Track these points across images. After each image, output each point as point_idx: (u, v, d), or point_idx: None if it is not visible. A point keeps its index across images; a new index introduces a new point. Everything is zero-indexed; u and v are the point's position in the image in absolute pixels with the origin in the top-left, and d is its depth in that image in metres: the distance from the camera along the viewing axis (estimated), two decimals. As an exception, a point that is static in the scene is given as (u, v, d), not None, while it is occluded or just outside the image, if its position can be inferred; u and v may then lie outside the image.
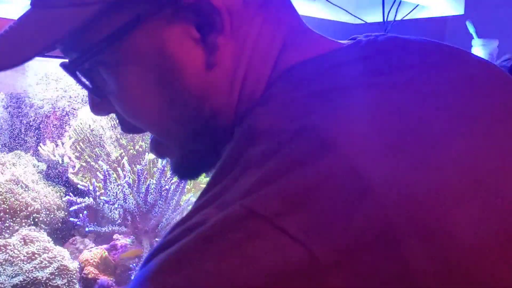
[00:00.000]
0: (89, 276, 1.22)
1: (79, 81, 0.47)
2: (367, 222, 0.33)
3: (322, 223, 0.33)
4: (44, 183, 1.32)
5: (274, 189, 0.34)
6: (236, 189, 0.36)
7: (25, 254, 1.14)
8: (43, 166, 1.35)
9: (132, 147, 1.44)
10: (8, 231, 1.19)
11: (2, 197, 1.20)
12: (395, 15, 2.10)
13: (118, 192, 1.30)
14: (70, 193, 1.30)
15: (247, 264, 0.32)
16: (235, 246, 0.33)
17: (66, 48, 0.46)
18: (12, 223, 1.20)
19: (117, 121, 0.52)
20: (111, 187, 1.29)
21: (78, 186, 1.34)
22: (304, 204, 0.33)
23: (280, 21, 0.47)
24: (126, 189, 1.28)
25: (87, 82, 0.48)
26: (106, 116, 1.38)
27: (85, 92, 0.95)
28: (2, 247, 1.13)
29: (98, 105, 0.50)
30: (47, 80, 1.36)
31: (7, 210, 1.20)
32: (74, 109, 1.39)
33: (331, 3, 2.12)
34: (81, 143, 1.39)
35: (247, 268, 0.32)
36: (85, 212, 1.28)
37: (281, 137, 0.37)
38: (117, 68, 0.45)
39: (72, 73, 0.46)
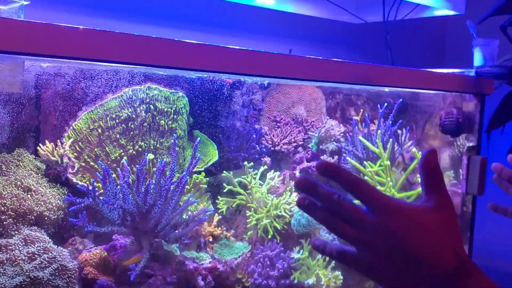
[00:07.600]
0: (89, 276, 1.22)
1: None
2: None
3: None
4: (44, 184, 1.32)
5: None
6: None
7: (26, 254, 1.14)
8: (42, 166, 1.35)
9: (131, 147, 1.44)
10: (9, 232, 1.19)
11: (5, 199, 1.19)
12: (395, 15, 2.10)
13: (117, 192, 1.30)
14: (70, 193, 1.30)
15: None
16: None
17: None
18: (13, 225, 1.20)
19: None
20: (111, 187, 1.29)
21: (78, 186, 1.33)
22: None
23: None
24: (126, 189, 1.28)
25: None
26: (105, 117, 1.38)
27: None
28: (3, 247, 1.13)
29: None
30: (46, 80, 1.36)
31: (9, 212, 1.19)
32: (73, 109, 1.39)
33: (331, 2, 2.12)
34: (80, 143, 1.39)
35: None
36: (84, 212, 1.27)
37: None
38: None
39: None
